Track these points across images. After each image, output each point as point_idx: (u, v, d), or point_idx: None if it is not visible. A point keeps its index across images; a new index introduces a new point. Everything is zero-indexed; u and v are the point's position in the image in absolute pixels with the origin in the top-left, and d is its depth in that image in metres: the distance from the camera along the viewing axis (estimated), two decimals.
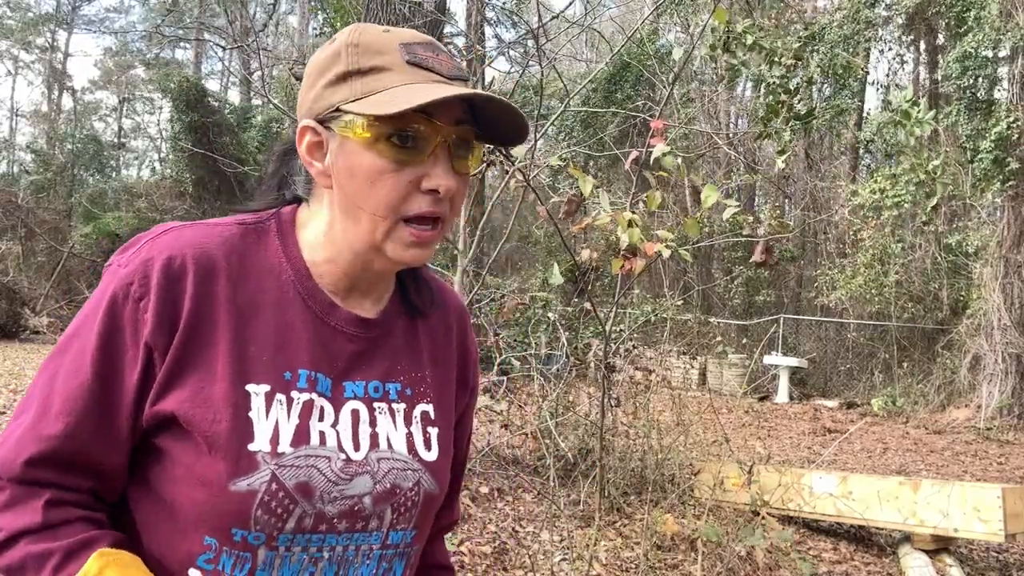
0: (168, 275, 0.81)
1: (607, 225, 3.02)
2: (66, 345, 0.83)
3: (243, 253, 0.86)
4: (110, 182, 21.92)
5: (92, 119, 27.82)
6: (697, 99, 17.08)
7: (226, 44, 18.19)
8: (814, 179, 17.01)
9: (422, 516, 0.90)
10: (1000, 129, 10.67)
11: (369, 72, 0.82)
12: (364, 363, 0.90)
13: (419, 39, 0.86)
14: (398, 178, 0.81)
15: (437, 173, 0.82)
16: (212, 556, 0.80)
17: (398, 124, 0.80)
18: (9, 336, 13.47)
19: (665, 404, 5.90)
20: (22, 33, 27.41)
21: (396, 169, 0.81)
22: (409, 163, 0.81)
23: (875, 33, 15.18)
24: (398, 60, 0.82)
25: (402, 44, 0.83)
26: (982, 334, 11.52)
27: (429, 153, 0.82)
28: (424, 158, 0.82)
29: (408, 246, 0.84)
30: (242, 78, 22.66)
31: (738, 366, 13.20)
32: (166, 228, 0.86)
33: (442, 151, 0.82)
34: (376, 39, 0.84)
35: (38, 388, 0.82)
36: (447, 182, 0.82)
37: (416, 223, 0.83)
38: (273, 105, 14.33)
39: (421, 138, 0.81)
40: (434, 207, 0.83)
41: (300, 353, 0.85)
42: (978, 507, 3.93)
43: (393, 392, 0.91)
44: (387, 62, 0.82)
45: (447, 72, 0.84)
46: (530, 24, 4.62)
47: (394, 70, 0.82)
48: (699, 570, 3.67)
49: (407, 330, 0.95)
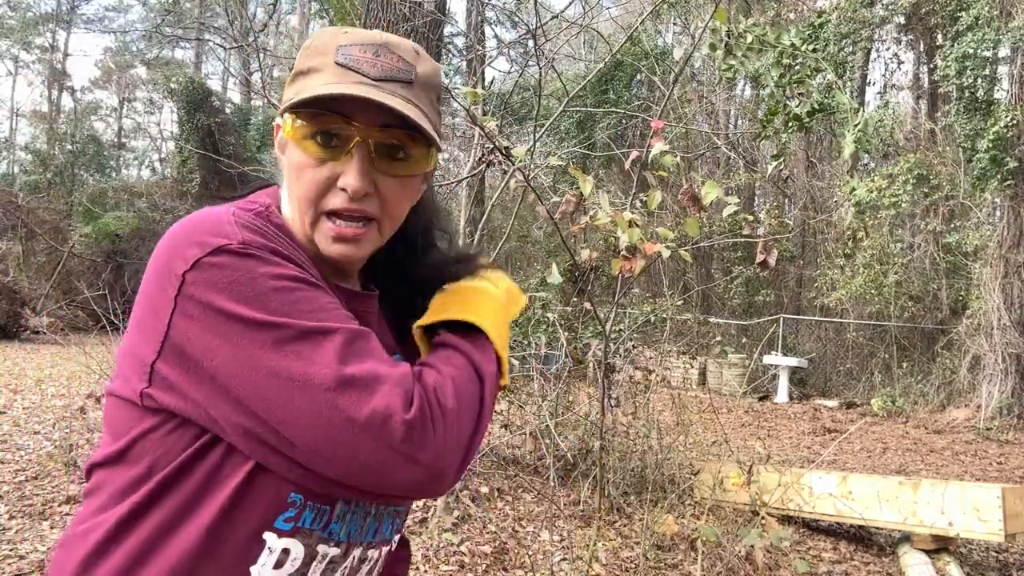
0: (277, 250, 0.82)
1: (607, 225, 3.02)
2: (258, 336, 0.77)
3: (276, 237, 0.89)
4: (110, 182, 21.92)
5: (92, 119, 27.77)
6: (695, 99, 17.08)
7: (226, 44, 18.18)
8: (813, 179, 17.01)
9: None
10: (998, 129, 10.68)
11: (307, 73, 0.87)
12: None
13: (366, 40, 0.87)
14: (316, 174, 0.86)
15: (348, 172, 0.85)
16: (294, 513, 0.83)
17: (319, 124, 0.84)
18: (9, 336, 13.48)
19: (665, 404, 5.91)
20: (22, 33, 27.39)
21: (316, 165, 0.85)
22: (328, 160, 0.85)
23: (873, 33, 15.19)
24: (329, 62, 0.86)
25: (340, 45, 0.86)
26: (982, 334, 11.52)
27: (344, 152, 0.85)
28: (341, 157, 0.85)
29: (331, 240, 0.87)
30: (242, 78, 22.67)
31: (738, 366, 13.20)
32: (229, 211, 0.85)
33: (359, 151, 0.85)
34: (326, 40, 0.88)
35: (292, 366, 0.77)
36: (355, 182, 0.84)
37: (338, 218, 0.86)
38: (273, 105, 14.33)
39: (341, 137, 0.85)
40: (350, 204, 0.86)
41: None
42: (978, 507, 3.93)
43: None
44: (320, 63, 0.86)
45: (376, 74, 0.85)
46: (529, 24, 4.62)
47: (323, 71, 0.86)
48: (699, 570, 3.68)
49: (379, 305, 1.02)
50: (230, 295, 0.76)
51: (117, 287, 11.49)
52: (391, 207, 0.89)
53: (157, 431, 0.83)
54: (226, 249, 0.78)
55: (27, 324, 12.99)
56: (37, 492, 4.39)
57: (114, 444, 0.86)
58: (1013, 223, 11.31)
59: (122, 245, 17.37)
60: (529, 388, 5.43)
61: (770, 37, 3.72)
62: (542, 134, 4.30)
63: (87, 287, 10.92)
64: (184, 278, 0.77)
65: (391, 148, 0.86)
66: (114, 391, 0.87)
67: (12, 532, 3.74)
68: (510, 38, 18.08)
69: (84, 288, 10.35)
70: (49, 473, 4.73)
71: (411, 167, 0.89)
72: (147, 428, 0.83)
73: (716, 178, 15.72)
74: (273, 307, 0.76)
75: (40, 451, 5.25)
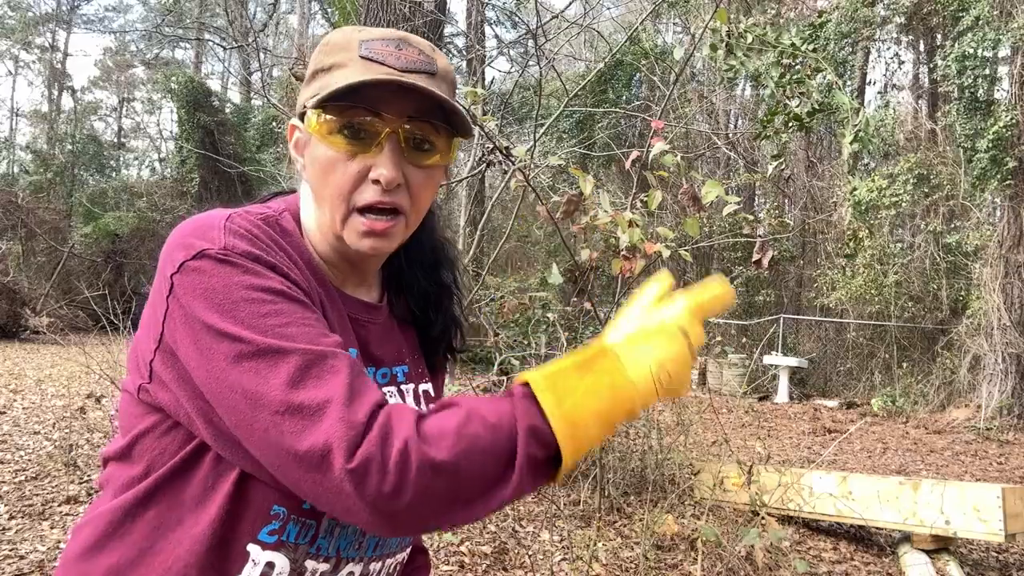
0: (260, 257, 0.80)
1: (607, 225, 3.02)
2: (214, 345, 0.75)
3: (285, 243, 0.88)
4: (110, 182, 21.92)
5: (92, 119, 27.77)
6: (695, 99, 17.07)
7: (226, 44, 18.17)
8: (813, 179, 17.01)
9: None
10: (998, 129, 10.68)
11: (329, 69, 0.86)
12: (374, 348, 0.94)
13: (386, 36, 0.88)
14: (347, 167, 0.85)
15: (381, 163, 0.85)
16: (278, 526, 0.82)
17: (347, 117, 0.84)
18: (9, 336, 13.48)
19: (665, 404, 5.90)
20: (22, 33, 27.39)
21: (346, 159, 0.85)
22: (358, 154, 0.85)
23: (873, 32, 15.19)
24: (353, 56, 0.85)
25: (362, 40, 0.86)
26: (982, 334, 11.52)
27: (375, 144, 0.85)
28: (371, 149, 0.85)
29: (362, 235, 0.87)
30: (242, 78, 22.66)
31: (738, 366, 13.20)
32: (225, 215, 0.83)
33: (388, 142, 0.85)
34: (344, 37, 0.88)
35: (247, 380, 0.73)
36: (389, 173, 0.84)
37: (369, 213, 0.86)
38: (273, 105, 14.33)
39: (369, 130, 0.84)
40: (383, 197, 0.85)
41: (347, 337, 0.89)
42: (978, 507, 3.93)
43: (400, 374, 0.97)
44: (344, 59, 0.86)
45: (400, 65, 0.85)
46: (529, 24, 4.62)
47: (348, 66, 0.85)
48: (699, 570, 3.67)
49: (399, 313, 1.01)
50: (205, 301, 0.76)
51: (117, 287, 11.49)
52: (418, 199, 0.89)
53: (154, 431, 0.84)
54: (207, 254, 0.77)
55: (27, 324, 13.00)
56: (37, 492, 4.39)
57: (123, 440, 0.88)
58: (1013, 223, 11.30)
59: (122, 245, 17.37)
60: None
61: (770, 37, 3.71)
62: (542, 134, 4.30)
63: (87, 287, 10.93)
64: (172, 281, 0.78)
65: (418, 140, 0.87)
66: (125, 386, 0.89)
67: (12, 532, 3.74)
68: (510, 38, 18.07)
69: (84, 288, 10.36)
70: (49, 473, 4.73)
71: (437, 158, 0.89)
72: (147, 427, 0.85)
73: (716, 178, 15.70)
74: (241, 318, 0.74)
75: (40, 451, 5.25)
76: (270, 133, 18.92)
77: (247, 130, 20.20)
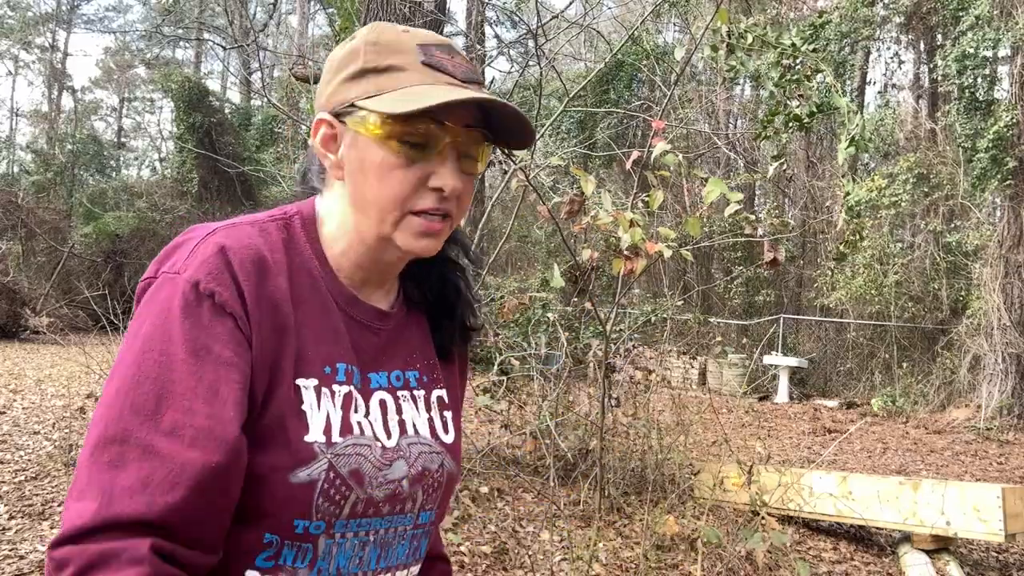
0: (232, 273, 0.80)
1: (608, 225, 3.02)
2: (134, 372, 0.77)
3: (282, 250, 0.87)
4: (110, 182, 21.91)
5: (92, 119, 27.82)
6: (695, 99, 17.07)
7: (226, 44, 18.18)
8: (813, 179, 17.01)
9: (444, 496, 0.96)
10: (998, 128, 10.68)
11: (386, 70, 0.85)
12: (385, 354, 0.94)
13: (437, 41, 0.88)
14: (406, 174, 0.84)
15: (444, 173, 0.85)
16: (272, 553, 0.81)
17: (413, 124, 0.83)
18: (9, 336, 13.47)
19: (665, 404, 5.90)
20: (22, 33, 27.40)
21: (405, 165, 0.84)
22: (418, 161, 0.84)
23: (873, 32, 15.19)
24: (414, 60, 0.85)
25: (419, 45, 0.86)
26: (982, 334, 11.52)
27: (437, 152, 0.85)
28: (432, 157, 0.85)
29: (419, 236, 0.87)
30: (242, 78, 22.66)
31: (738, 366, 13.19)
32: (208, 229, 0.84)
33: (450, 151, 0.85)
34: (395, 38, 0.87)
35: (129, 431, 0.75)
36: (453, 182, 0.85)
37: (424, 214, 0.86)
38: (273, 105, 14.34)
39: (431, 137, 0.84)
40: (440, 204, 0.86)
41: (337, 347, 0.88)
42: (978, 507, 3.93)
43: (412, 380, 0.96)
44: (404, 62, 0.85)
45: (461, 75, 0.86)
46: (529, 24, 4.62)
47: (410, 70, 0.85)
48: (699, 570, 3.67)
49: (415, 319, 1.00)
50: (136, 322, 0.78)
51: (117, 287, 11.48)
52: (464, 204, 0.90)
53: None
54: (169, 280, 0.79)
55: (27, 324, 12.99)
56: (37, 492, 4.39)
57: None
58: (1013, 223, 11.31)
59: (122, 245, 17.35)
60: (529, 388, 5.43)
61: (770, 37, 3.71)
62: (543, 134, 4.30)
63: (87, 287, 10.93)
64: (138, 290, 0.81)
65: (473, 148, 0.88)
66: None
67: (12, 532, 3.74)
68: (510, 38, 18.08)
69: (84, 288, 10.36)
70: (49, 473, 4.73)
71: (482, 165, 0.91)
72: None
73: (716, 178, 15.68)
74: (147, 366, 0.75)
75: (40, 451, 5.25)
76: (270, 133, 18.93)
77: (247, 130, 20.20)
